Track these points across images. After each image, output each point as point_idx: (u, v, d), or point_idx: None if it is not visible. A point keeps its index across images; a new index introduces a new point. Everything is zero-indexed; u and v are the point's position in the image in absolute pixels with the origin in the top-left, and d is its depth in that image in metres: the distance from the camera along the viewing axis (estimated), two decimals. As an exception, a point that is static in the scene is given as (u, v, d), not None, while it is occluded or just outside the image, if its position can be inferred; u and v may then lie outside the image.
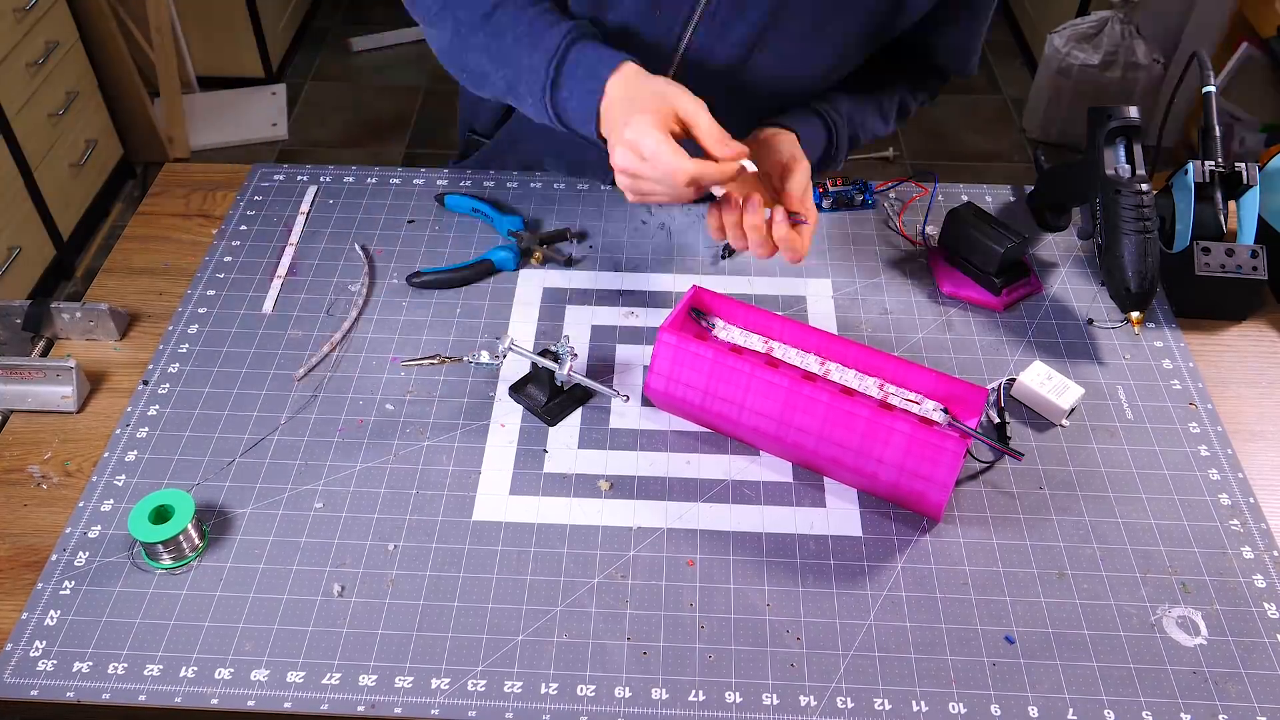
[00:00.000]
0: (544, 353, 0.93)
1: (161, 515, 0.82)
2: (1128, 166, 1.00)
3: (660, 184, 0.85)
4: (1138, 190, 0.98)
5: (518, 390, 0.95)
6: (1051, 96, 2.84)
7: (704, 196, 0.90)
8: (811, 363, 0.90)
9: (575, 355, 0.93)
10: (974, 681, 0.76)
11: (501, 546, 0.84)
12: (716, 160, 0.85)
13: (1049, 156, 1.20)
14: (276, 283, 1.07)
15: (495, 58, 0.95)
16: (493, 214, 1.13)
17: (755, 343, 0.92)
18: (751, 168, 0.88)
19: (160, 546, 0.81)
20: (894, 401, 0.87)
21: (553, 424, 0.93)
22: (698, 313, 0.94)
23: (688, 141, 0.87)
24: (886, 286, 1.08)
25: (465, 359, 0.93)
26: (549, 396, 0.94)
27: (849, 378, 0.89)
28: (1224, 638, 0.79)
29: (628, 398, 0.95)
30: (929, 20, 1.00)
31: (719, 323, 0.94)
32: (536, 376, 0.94)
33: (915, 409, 0.86)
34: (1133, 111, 1.00)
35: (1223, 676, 0.77)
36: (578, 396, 0.95)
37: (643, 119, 0.84)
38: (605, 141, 0.89)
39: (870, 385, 0.88)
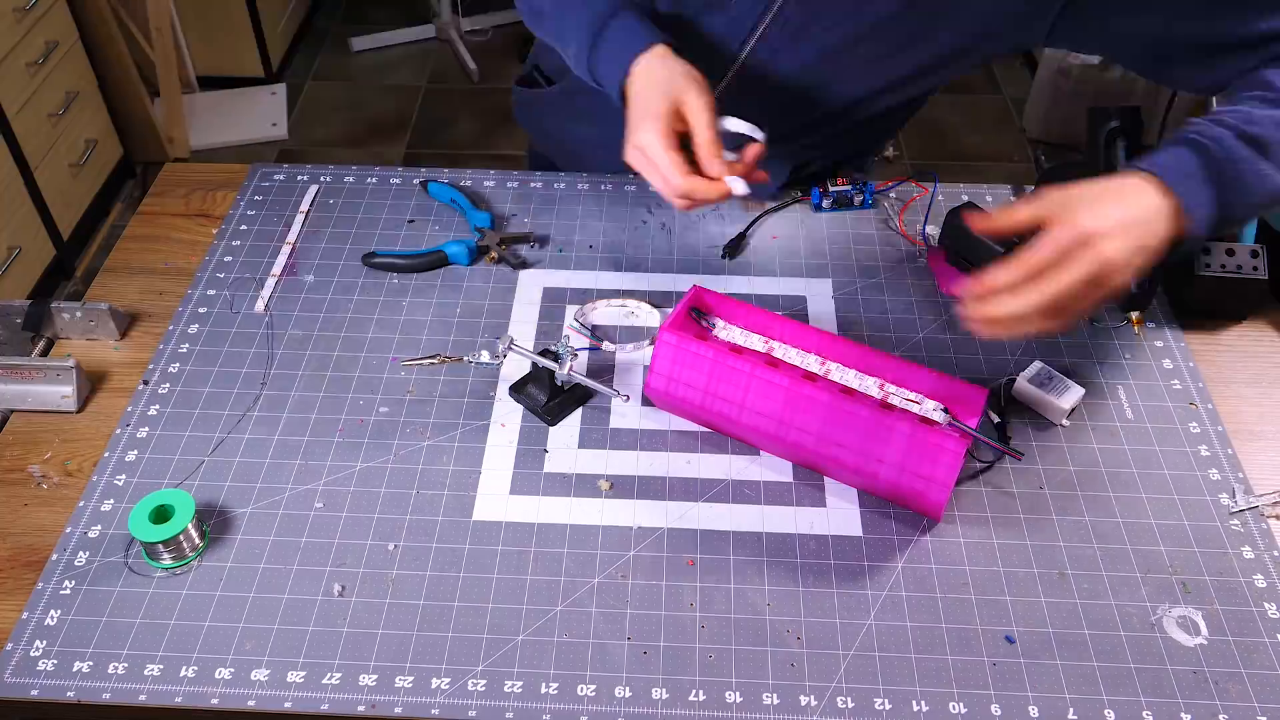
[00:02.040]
0: (544, 352, 0.93)
1: (162, 515, 0.82)
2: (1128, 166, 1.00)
3: (658, 183, 0.90)
4: (1138, 190, 0.98)
5: (518, 390, 0.95)
6: (1051, 96, 2.84)
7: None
8: (811, 363, 0.90)
9: (575, 355, 0.93)
10: (974, 681, 0.76)
11: (502, 546, 0.84)
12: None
13: (1049, 156, 1.20)
14: (277, 282, 1.07)
15: (554, 5, 1.01)
16: (466, 207, 1.13)
17: (755, 342, 0.92)
18: (741, 190, 0.88)
19: (160, 546, 0.81)
20: (894, 401, 0.87)
21: (553, 424, 0.93)
22: (698, 312, 0.94)
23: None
24: (886, 286, 1.08)
25: (465, 359, 0.93)
26: (549, 396, 0.94)
27: (849, 378, 0.89)
28: (1224, 637, 0.79)
29: (628, 397, 0.95)
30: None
31: (719, 323, 0.94)
32: (537, 376, 0.94)
33: (915, 409, 0.86)
34: (1133, 111, 1.00)
35: (1223, 676, 0.77)
36: (578, 396, 0.95)
37: (647, 127, 0.88)
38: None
39: (870, 385, 0.88)
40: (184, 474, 0.89)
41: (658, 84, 0.91)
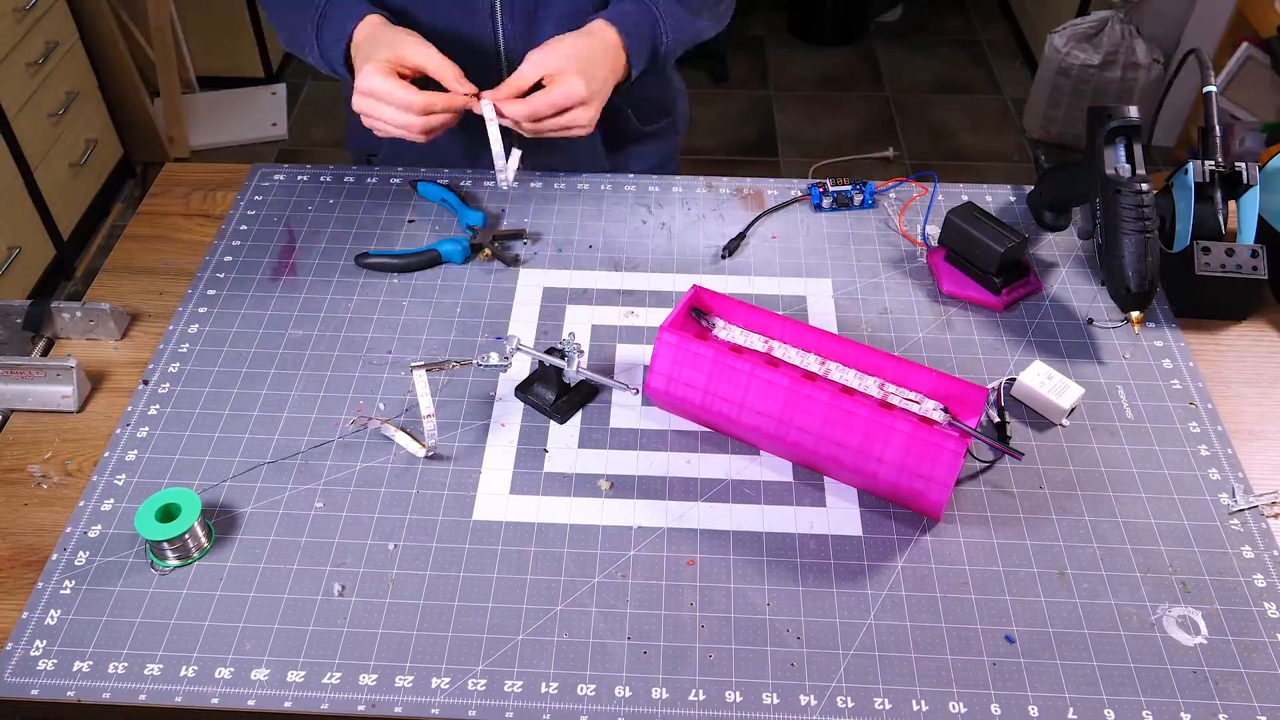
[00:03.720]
0: (550, 351, 0.93)
1: (168, 514, 0.82)
2: (1128, 166, 1.00)
3: (394, 118, 0.97)
4: (1138, 190, 0.98)
5: (525, 390, 0.95)
6: (1051, 96, 2.84)
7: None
8: (811, 362, 0.90)
9: (582, 352, 0.93)
10: (974, 681, 0.76)
11: (502, 546, 0.84)
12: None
13: (1049, 156, 1.20)
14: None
15: (282, 22, 1.12)
16: (457, 205, 1.13)
17: (755, 342, 0.92)
18: (488, 112, 0.94)
19: (166, 545, 0.81)
20: (894, 401, 0.87)
21: (563, 421, 0.93)
22: (698, 312, 0.94)
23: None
24: (886, 286, 1.08)
25: (475, 362, 0.93)
26: (557, 394, 0.94)
27: (849, 377, 0.89)
28: (1224, 637, 0.79)
29: (636, 390, 0.95)
30: None
31: (719, 322, 0.94)
32: (543, 375, 0.94)
33: (915, 408, 0.86)
34: (1132, 111, 1.00)
35: (1223, 676, 0.77)
36: (585, 393, 0.95)
37: (369, 67, 0.97)
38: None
39: (870, 385, 0.88)
40: (184, 474, 0.89)
41: (377, 40, 1.00)
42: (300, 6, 1.07)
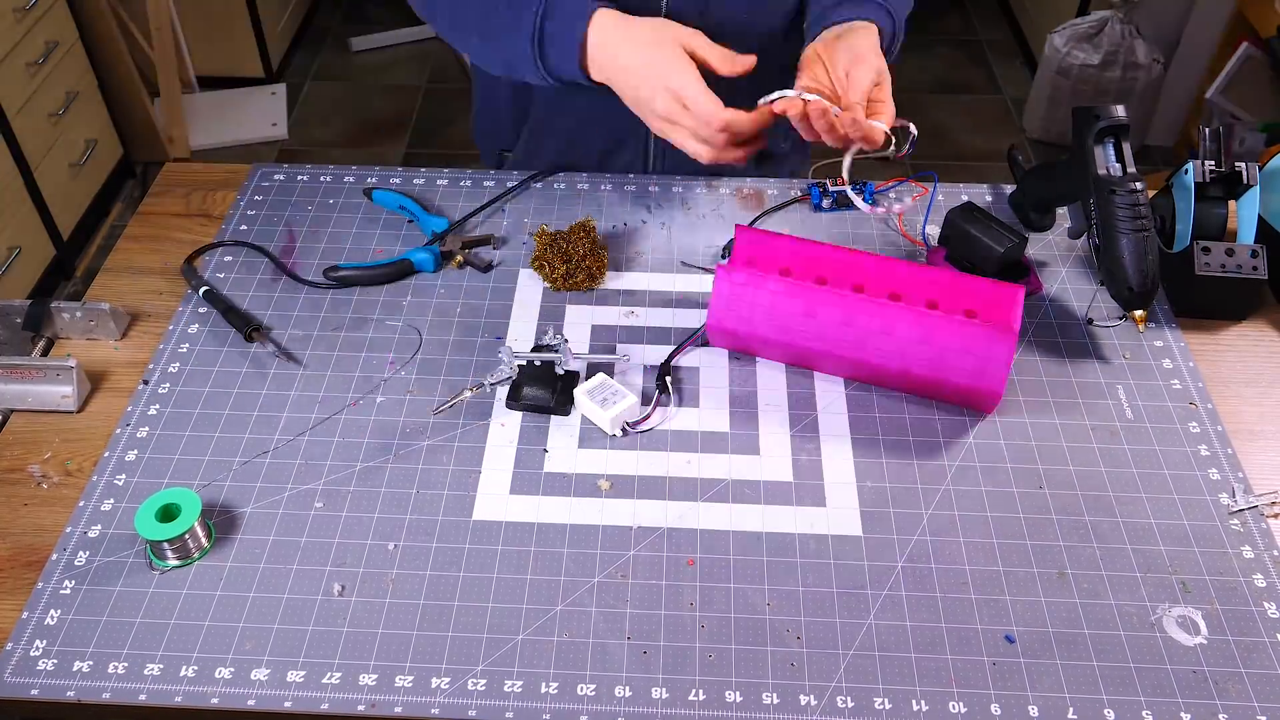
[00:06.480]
0: (539, 348, 0.93)
1: (168, 514, 0.82)
2: (1119, 165, 1.00)
3: (696, 131, 0.92)
4: (1132, 189, 0.98)
5: (515, 397, 0.95)
6: (1051, 96, 2.84)
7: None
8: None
9: (567, 339, 0.93)
10: (974, 681, 0.76)
11: (502, 546, 0.84)
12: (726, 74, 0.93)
13: (1049, 156, 1.20)
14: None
15: (486, 39, 1.02)
16: (418, 213, 1.12)
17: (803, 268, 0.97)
18: (778, 105, 0.91)
19: (166, 545, 0.81)
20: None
21: (567, 413, 0.93)
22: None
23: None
24: (886, 286, 1.08)
25: (485, 385, 0.93)
26: (554, 389, 0.94)
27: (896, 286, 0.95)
28: (1224, 637, 0.79)
29: (628, 357, 0.96)
30: None
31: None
32: (533, 375, 0.94)
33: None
34: (1120, 110, 1.00)
35: (1223, 676, 0.77)
36: (574, 381, 0.95)
37: (684, 71, 0.91)
38: (598, 85, 0.97)
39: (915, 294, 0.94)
40: (184, 474, 0.89)
41: (643, 39, 0.92)
42: (507, 33, 0.98)
